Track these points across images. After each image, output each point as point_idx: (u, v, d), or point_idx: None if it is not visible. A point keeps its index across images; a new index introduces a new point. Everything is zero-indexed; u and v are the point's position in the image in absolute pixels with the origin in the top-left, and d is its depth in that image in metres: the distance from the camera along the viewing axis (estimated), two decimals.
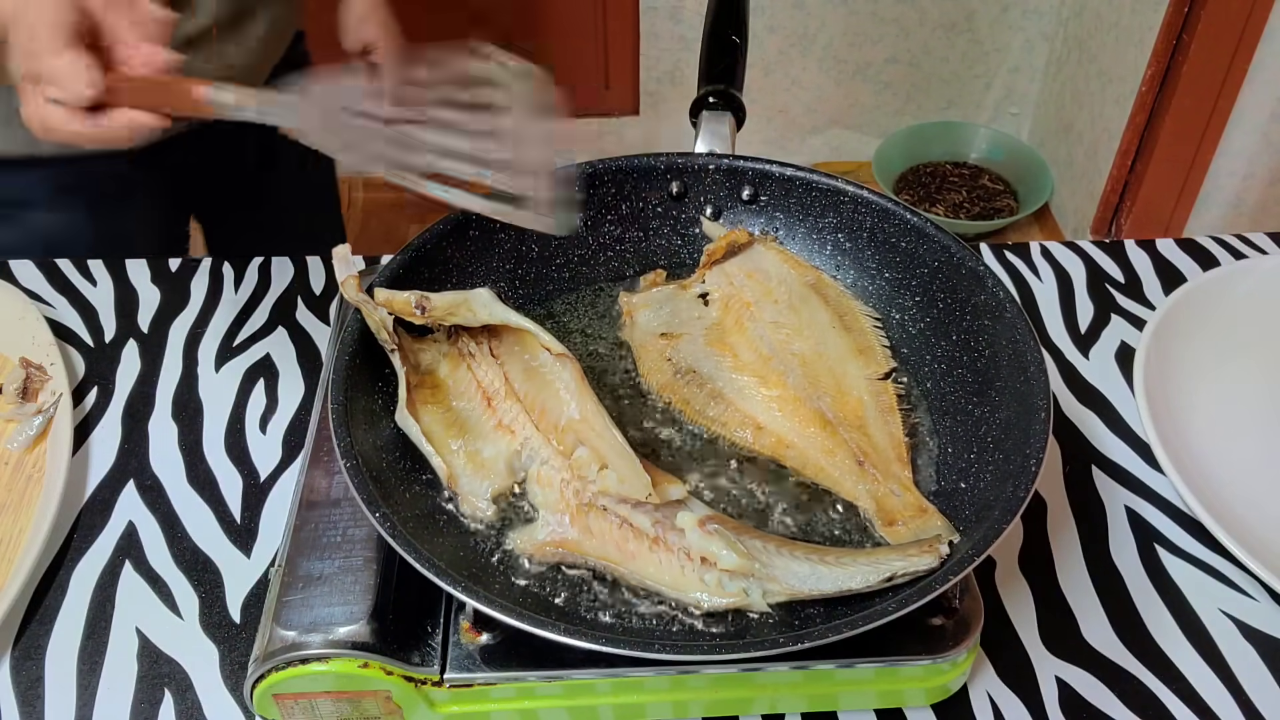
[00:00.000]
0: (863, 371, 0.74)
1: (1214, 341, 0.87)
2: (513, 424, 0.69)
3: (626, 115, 2.58)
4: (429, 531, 0.64)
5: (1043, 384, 0.64)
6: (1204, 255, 1.00)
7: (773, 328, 0.77)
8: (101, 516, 0.77)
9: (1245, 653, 0.70)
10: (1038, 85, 2.57)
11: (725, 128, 0.85)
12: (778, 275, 0.80)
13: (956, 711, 0.67)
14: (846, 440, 0.70)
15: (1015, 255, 1.00)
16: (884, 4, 2.43)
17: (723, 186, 0.82)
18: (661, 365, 0.76)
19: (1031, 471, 0.60)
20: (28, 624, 0.71)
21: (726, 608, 0.61)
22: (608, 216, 0.82)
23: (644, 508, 0.63)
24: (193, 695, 0.68)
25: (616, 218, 0.82)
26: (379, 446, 0.66)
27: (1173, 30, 1.97)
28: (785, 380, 0.73)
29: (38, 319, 0.88)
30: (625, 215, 0.83)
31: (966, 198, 2.55)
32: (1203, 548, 0.76)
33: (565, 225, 0.66)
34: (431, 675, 0.60)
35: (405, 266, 0.74)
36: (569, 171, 0.78)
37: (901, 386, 0.74)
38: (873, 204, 0.78)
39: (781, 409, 0.72)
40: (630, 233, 0.83)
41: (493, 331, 0.73)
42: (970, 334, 0.73)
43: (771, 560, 0.61)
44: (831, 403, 0.72)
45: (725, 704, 0.64)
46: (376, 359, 0.70)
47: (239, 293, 0.96)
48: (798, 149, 2.67)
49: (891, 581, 0.59)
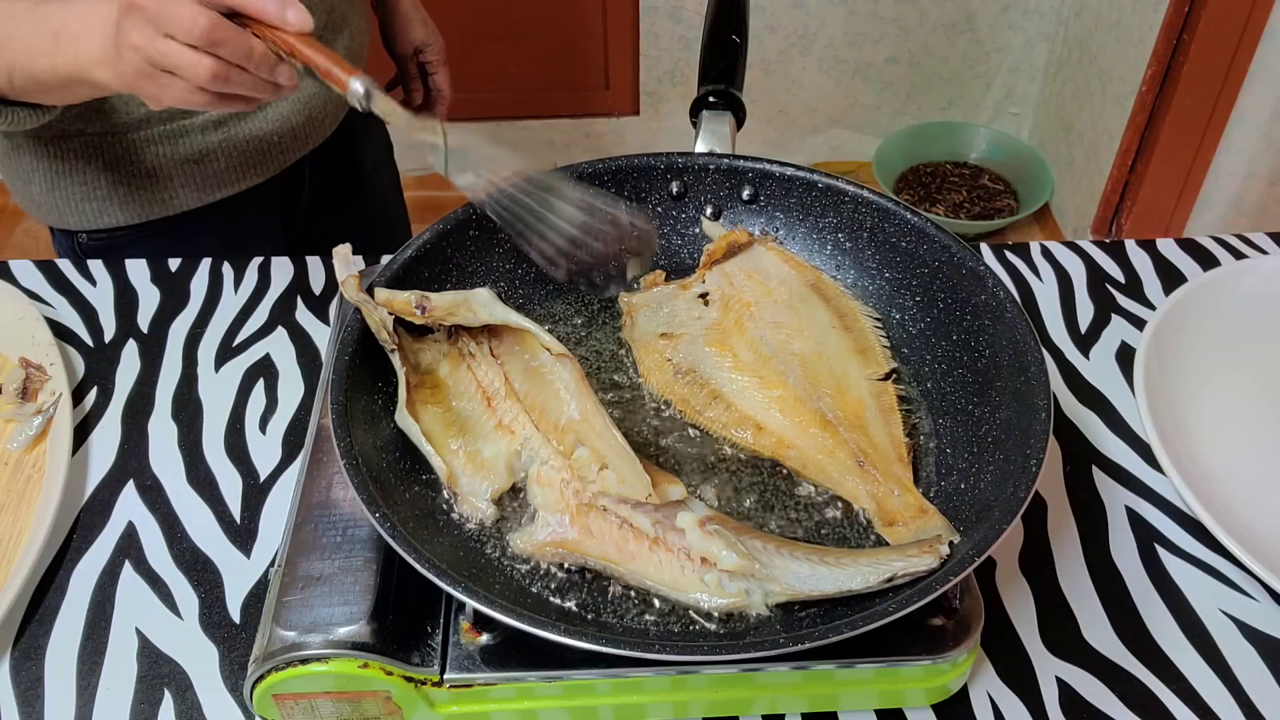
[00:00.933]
0: (863, 372, 0.74)
1: (1214, 341, 0.87)
2: (513, 424, 0.69)
3: (626, 115, 2.58)
4: (429, 531, 0.64)
5: (1043, 384, 0.64)
6: (1204, 255, 1.00)
7: (773, 328, 0.77)
8: (101, 516, 0.77)
9: (1245, 653, 0.70)
10: (1038, 85, 2.57)
11: (725, 128, 0.85)
12: (778, 275, 0.80)
13: (956, 711, 0.67)
14: (847, 440, 0.70)
15: (1015, 255, 0.99)
16: (884, 4, 2.43)
17: (723, 186, 0.82)
18: (661, 365, 0.76)
19: (1032, 472, 0.60)
20: (28, 624, 0.71)
21: (727, 608, 0.61)
22: None
23: (644, 508, 0.63)
24: (193, 695, 0.68)
25: None
26: (379, 446, 0.66)
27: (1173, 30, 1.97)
28: (785, 380, 0.73)
29: (38, 319, 0.88)
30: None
31: (967, 198, 2.54)
32: (1203, 548, 0.76)
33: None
34: (431, 675, 0.60)
35: (405, 266, 0.74)
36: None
37: (902, 387, 0.74)
38: (873, 204, 0.78)
39: (781, 409, 0.72)
40: None
41: (493, 331, 0.73)
42: (970, 334, 0.73)
43: (772, 561, 0.61)
44: (832, 403, 0.72)
45: (725, 704, 0.64)
46: (376, 359, 0.70)
47: (239, 293, 0.96)
48: (798, 149, 2.67)
49: (892, 582, 0.59)
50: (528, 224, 0.68)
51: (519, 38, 2.42)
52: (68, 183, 0.96)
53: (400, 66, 1.23)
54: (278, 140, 1.01)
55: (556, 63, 2.47)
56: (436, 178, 0.68)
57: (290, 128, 1.01)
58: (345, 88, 0.63)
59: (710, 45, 0.90)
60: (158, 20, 0.62)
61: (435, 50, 1.22)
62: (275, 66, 0.64)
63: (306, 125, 1.02)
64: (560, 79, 2.50)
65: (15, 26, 0.72)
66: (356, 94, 0.63)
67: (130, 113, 0.92)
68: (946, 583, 0.56)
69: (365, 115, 0.64)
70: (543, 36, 2.42)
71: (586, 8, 2.38)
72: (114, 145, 0.95)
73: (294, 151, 1.03)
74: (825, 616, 0.61)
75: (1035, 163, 2.52)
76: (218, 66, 0.63)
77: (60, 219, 1.00)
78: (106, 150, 0.95)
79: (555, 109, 2.56)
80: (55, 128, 0.93)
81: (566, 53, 2.45)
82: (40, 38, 0.71)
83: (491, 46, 2.42)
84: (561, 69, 2.48)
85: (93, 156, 0.95)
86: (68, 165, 0.95)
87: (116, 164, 0.96)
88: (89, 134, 0.93)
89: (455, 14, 2.28)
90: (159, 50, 0.63)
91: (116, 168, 0.96)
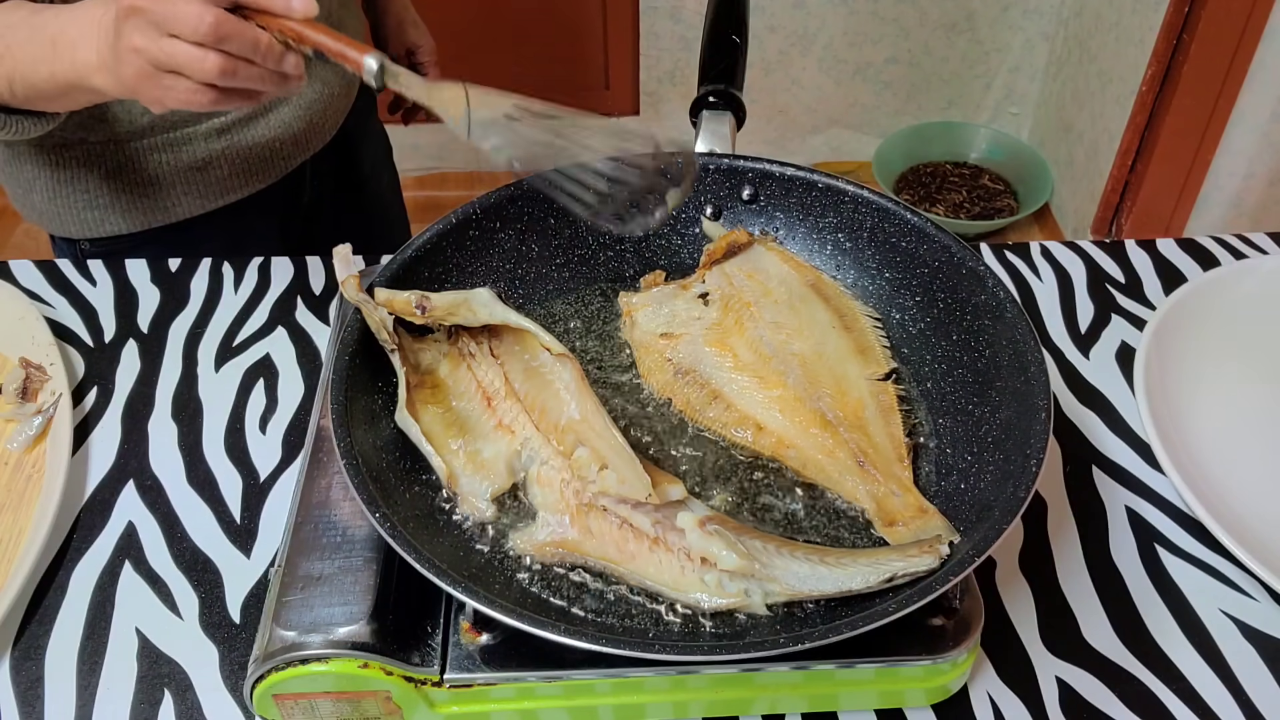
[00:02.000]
0: (863, 372, 0.74)
1: (1214, 341, 0.87)
2: (513, 424, 0.69)
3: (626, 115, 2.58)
4: (429, 532, 0.64)
5: (1043, 384, 0.64)
6: (1204, 255, 1.00)
7: (773, 328, 0.77)
8: (101, 516, 0.77)
9: (1245, 653, 0.70)
10: (1038, 85, 2.57)
11: (725, 127, 0.85)
12: (778, 275, 0.80)
13: (956, 711, 0.67)
14: (847, 440, 0.70)
15: (1015, 255, 0.99)
16: (884, 4, 2.43)
17: (723, 186, 0.82)
18: (662, 365, 0.76)
19: (1032, 472, 0.60)
20: (28, 624, 0.71)
21: (726, 608, 0.61)
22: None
23: (644, 508, 0.63)
24: (192, 695, 0.68)
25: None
26: (379, 446, 0.66)
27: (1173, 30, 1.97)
28: (785, 380, 0.73)
29: (38, 319, 0.88)
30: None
31: (966, 198, 2.54)
32: (1203, 548, 0.76)
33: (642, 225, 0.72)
34: (431, 675, 0.60)
35: (405, 266, 0.74)
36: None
37: (902, 387, 0.74)
38: (873, 204, 0.78)
39: (782, 409, 0.72)
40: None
41: (493, 331, 0.73)
42: (970, 334, 0.73)
43: (772, 561, 0.61)
44: (831, 403, 0.72)
45: (725, 704, 0.64)
46: (376, 359, 0.70)
47: (239, 293, 0.96)
48: (798, 149, 2.67)
49: (892, 582, 0.59)
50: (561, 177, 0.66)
51: (519, 38, 2.42)
52: (69, 191, 0.96)
53: None
54: (279, 147, 1.01)
55: (556, 63, 2.46)
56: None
57: (292, 134, 1.01)
58: (360, 66, 0.63)
59: (710, 45, 0.90)
60: (161, 20, 0.62)
61: (427, 51, 1.22)
62: (283, 56, 0.64)
63: (308, 131, 1.02)
64: (560, 79, 2.50)
65: (13, 35, 0.72)
66: (371, 70, 0.63)
67: (132, 121, 0.92)
68: (946, 583, 0.56)
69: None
70: (543, 36, 2.42)
71: (586, 8, 2.38)
72: (115, 154, 0.94)
73: (295, 157, 1.03)
74: (825, 616, 0.61)
75: (1035, 163, 2.52)
76: (225, 62, 0.62)
77: (62, 227, 1.00)
78: (108, 159, 0.95)
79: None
80: (57, 136, 0.92)
81: (566, 53, 2.45)
82: (38, 45, 0.71)
83: (491, 47, 2.41)
84: (561, 69, 2.48)
85: (94, 165, 0.95)
86: (69, 174, 0.95)
87: (118, 173, 0.96)
88: (90, 143, 0.93)
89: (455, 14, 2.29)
90: (164, 51, 0.63)
91: (118, 176, 0.96)
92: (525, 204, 0.79)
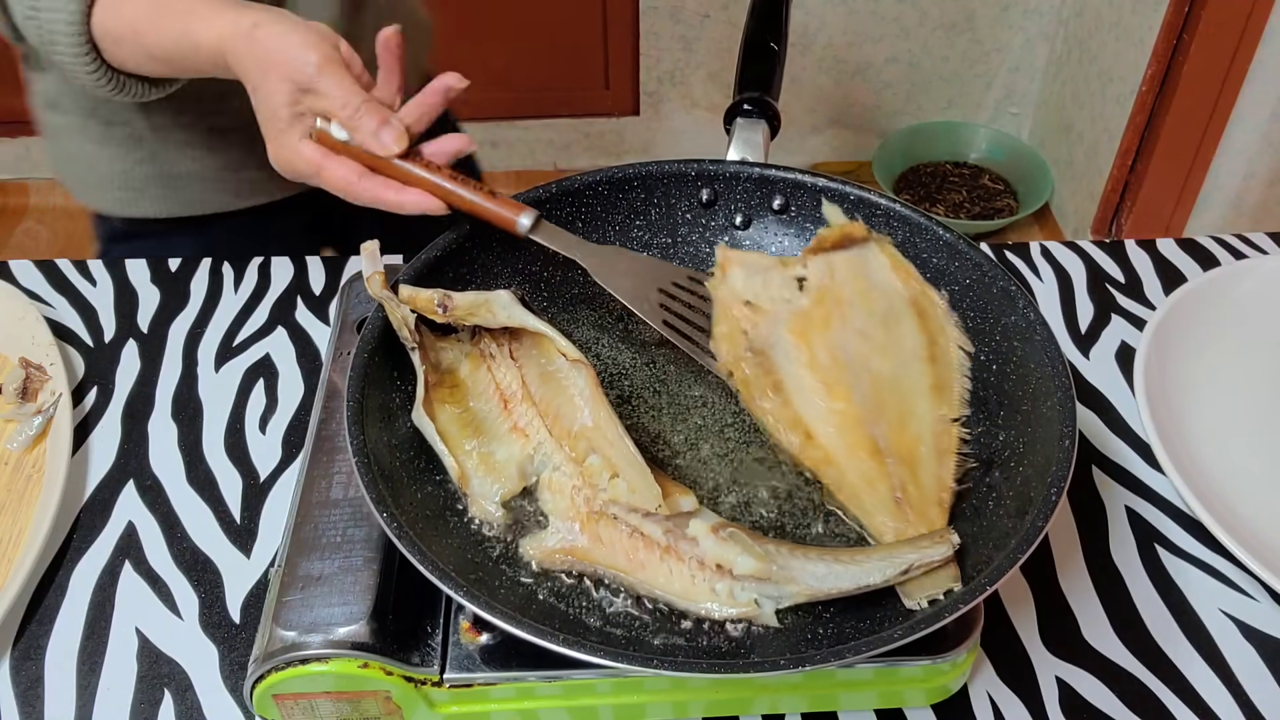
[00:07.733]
0: (933, 409, 0.70)
1: (1214, 341, 0.87)
2: (527, 428, 0.68)
3: (626, 115, 2.58)
4: (437, 533, 0.63)
5: (1069, 410, 0.62)
6: (1204, 255, 1.00)
7: (859, 337, 0.72)
8: (101, 516, 0.77)
9: (1245, 653, 0.70)
10: (1038, 85, 2.57)
11: (759, 135, 0.83)
12: (882, 283, 0.75)
13: (956, 711, 0.67)
14: (891, 474, 0.66)
15: (1015, 255, 0.99)
16: (884, 4, 2.43)
17: (754, 195, 0.81)
18: (736, 335, 0.73)
19: (1052, 502, 0.58)
20: (27, 624, 0.71)
21: (736, 618, 0.61)
22: (636, 222, 0.81)
23: (655, 517, 0.63)
24: (192, 695, 0.68)
25: (645, 223, 0.81)
26: (393, 446, 0.66)
27: (1173, 30, 1.97)
28: (851, 396, 0.70)
29: (38, 319, 0.88)
30: (654, 220, 0.81)
31: (966, 198, 2.55)
32: (1203, 548, 0.76)
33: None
34: (431, 675, 0.60)
35: (430, 265, 0.73)
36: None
37: (969, 433, 0.70)
38: (905, 218, 0.76)
39: (838, 425, 0.69)
40: (658, 238, 0.82)
41: (514, 334, 0.72)
42: (998, 355, 0.71)
43: (788, 562, 0.60)
44: (888, 431, 0.68)
45: (725, 704, 0.64)
46: (394, 358, 0.70)
47: (239, 293, 0.96)
48: (798, 149, 2.67)
49: (908, 574, 0.59)
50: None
51: (518, 38, 2.42)
52: (105, 169, 1.00)
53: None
54: None
55: (556, 63, 2.47)
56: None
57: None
58: (514, 226, 0.71)
59: (747, 52, 0.88)
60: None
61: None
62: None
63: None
64: (560, 79, 2.50)
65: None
66: (524, 228, 0.70)
67: (179, 113, 0.96)
68: (956, 610, 0.55)
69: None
70: (543, 36, 2.42)
71: (586, 7, 2.38)
72: (153, 141, 0.98)
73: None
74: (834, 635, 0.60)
75: (1035, 163, 2.52)
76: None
77: (95, 202, 1.04)
78: (145, 145, 0.98)
79: (555, 109, 2.56)
80: (103, 115, 0.96)
81: (566, 53, 2.45)
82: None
83: (491, 46, 2.42)
84: (561, 69, 2.48)
85: (133, 148, 0.99)
86: (108, 153, 0.99)
87: (152, 159, 0.99)
88: (134, 125, 0.97)
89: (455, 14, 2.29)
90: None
91: (152, 163, 0.99)
92: (552, 207, 0.78)
